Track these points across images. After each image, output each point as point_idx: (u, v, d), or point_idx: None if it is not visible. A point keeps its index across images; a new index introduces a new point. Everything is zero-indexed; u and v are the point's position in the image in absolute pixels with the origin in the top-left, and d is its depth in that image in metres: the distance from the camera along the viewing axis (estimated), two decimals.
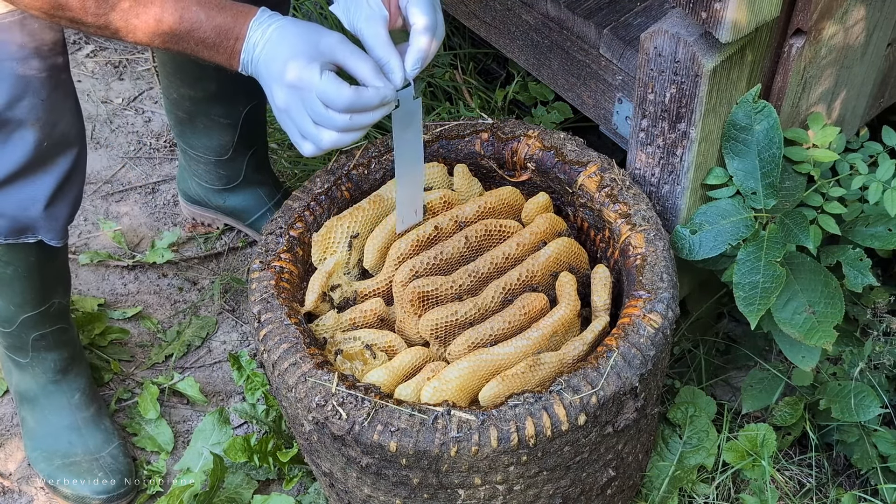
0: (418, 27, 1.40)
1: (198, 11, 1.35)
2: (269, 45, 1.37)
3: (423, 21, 1.39)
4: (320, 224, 1.69)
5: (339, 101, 1.33)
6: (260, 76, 1.39)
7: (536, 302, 1.58)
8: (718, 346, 2.07)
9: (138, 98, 2.70)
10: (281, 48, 1.36)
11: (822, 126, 1.70)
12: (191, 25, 1.35)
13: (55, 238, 1.66)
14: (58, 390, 1.97)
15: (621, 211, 1.62)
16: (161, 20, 1.34)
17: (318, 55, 1.35)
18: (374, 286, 1.66)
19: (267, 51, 1.37)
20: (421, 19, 1.39)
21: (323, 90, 1.33)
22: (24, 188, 1.58)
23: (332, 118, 1.35)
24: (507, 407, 1.41)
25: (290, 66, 1.34)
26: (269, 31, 1.37)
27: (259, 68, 1.38)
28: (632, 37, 1.70)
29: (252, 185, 2.25)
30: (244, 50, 1.38)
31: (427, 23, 1.40)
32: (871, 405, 1.77)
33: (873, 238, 1.70)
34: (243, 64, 1.40)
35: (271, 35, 1.37)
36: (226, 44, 1.38)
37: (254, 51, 1.38)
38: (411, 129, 1.53)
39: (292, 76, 1.34)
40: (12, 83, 1.46)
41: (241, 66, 1.40)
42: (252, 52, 1.38)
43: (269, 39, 1.37)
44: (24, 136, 1.51)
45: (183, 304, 2.28)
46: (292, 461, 1.92)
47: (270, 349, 1.51)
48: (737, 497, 1.88)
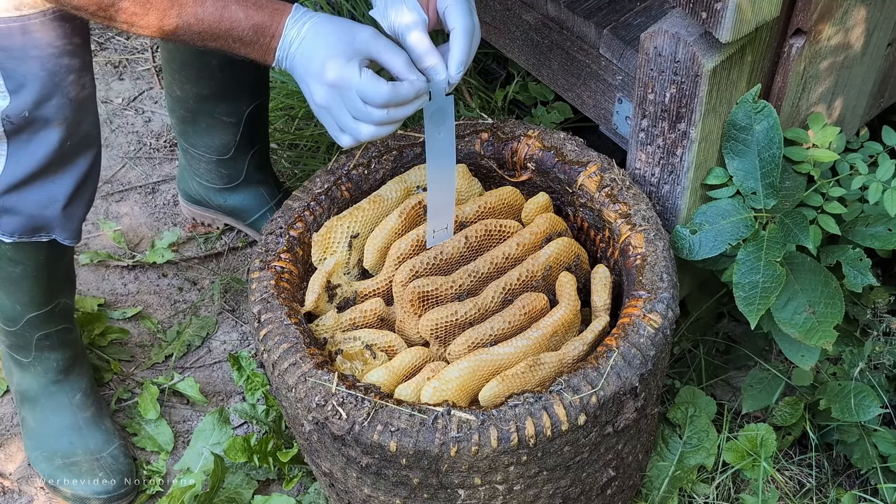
0: (458, 31, 1.43)
1: (237, 10, 1.39)
2: (305, 43, 1.41)
3: (462, 24, 1.43)
4: (320, 224, 1.69)
5: (378, 97, 1.38)
6: (296, 72, 1.43)
7: (536, 302, 1.58)
8: (718, 346, 2.07)
9: (138, 98, 2.70)
10: (318, 47, 1.40)
11: (822, 126, 1.70)
12: (230, 24, 1.39)
13: (69, 238, 1.66)
14: (59, 390, 1.97)
15: (621, 211, 1.62)
16: (202, 19, 1.38)
17: (354, 52, 1.39)
18: (374, 286, 1.66)
19: (303, 49, 1.41)
20: (460, 23, 1.43)
21: (362, 88, 1.38)
22: (45, 188, 1.59)
23: (371, 113, 1.39)
24: (507, 407, 1.41)
25: (328, 65, 1.39)
26: (305, 28, 1.41)
27: (295, 65, 1.43)
28: (632, 37, 1.70)
29: (253, 185, 2.25)
30: (280, 47, 1.42)
31: (466, 26, 1.44)
32: (871, 405, 1.77)
33: (873, 238, 1.70)
34: (278, 60, 1.44)
35: (307, 33, 1.41)
36: (262, 41, 1.42)
37: (289, 48, 1.42)
38: (444, 127, 1.53)
39: (332, 75, 1.39)
40: (43, 82, 1.47)
41: (275, 62, 1.45)
42: (288, 49, 1.42)
43: (305, 38, 1.41)
44: (49, 136, 1.52)
45: (183, 304, 2.28)
46: (292, 461, 1.92)
47: (270, 349, 1.51)
48: (737, 497, 1.88)
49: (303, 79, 1.43)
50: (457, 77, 1.45)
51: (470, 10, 1.45)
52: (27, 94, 1.47)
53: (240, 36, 1.41)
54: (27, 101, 1.47)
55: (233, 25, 1.39)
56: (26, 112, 1.48)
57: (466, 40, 1.44)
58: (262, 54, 1.44)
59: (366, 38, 1.40)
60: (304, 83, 1.44)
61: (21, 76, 1.46)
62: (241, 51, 1.43)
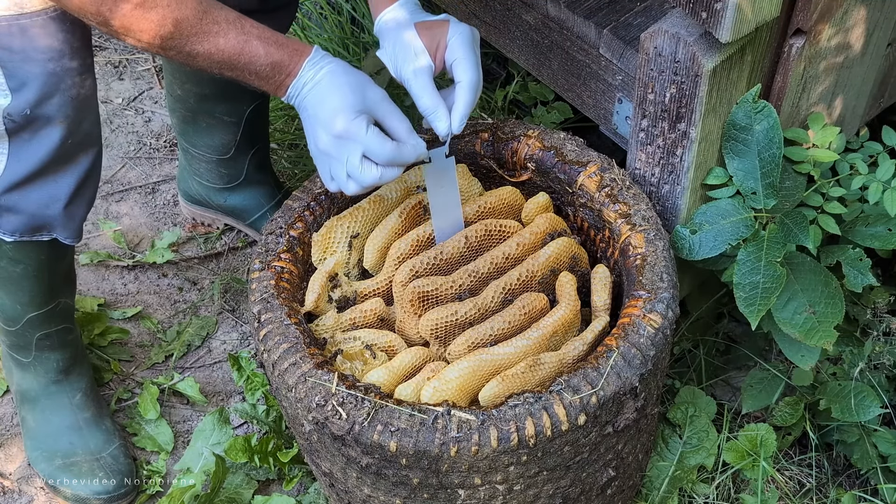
0: (464, 84, 1.51)
1: (258, 46, 1.43)
2: (318, 88, 1.45)
3: (468, 78, 1.51)
4: (320, 224, 1.69)
5: (382, 154, 1.44)
6: (304, 112, 1.48)
7: (536, 302, 1.58)
8: (718, 346, 2.07)
9: (138, 98, 2.70)
10: (331, 96, 1.44)
11: (822, 126, 1.70)
12: (249, 59, 1.43)
13: (71, 237, 1.66)
14: (59, 390, 1.97)
15: (621, 211, 1.62)
16: (223, 50, 1.41)
17: (363, 109, 1.45)
18: (374, 286, 1.66)
19: (315, 93, 1.45)
20: (466, 76, 1.51)
21: (368, 143, 1.44)
22: (46, 186, 1.59)
23: (369, 168, 1.45)
24: (507, 407, 1.41)
25: (339, 117, 1.44)
26: (320, 73, 1.46)
27: (305, 105, 1.47)
28: (632, 37, 1.70)
29: (253, 185, 2.25)
30: (293, 85, 1.47)
31: (472, 80, 1.51)
32: (871, 405, 1.77)
33: (873, 238, 1.70)
34: (288, 96, 1.48)
35: (322, 78, 1.45)
36: (277, 78, 1.46)
37: (302, 88, 1.46)
38: (446, 186, 1.61)
39: (340, 127, 1.44)
40: (44, 80, 1.47)
41: (285, 98, 1.49)
42: (300, 90, 1.47)
43: (319, 82, 1.45)
44: (51, 134, 1.52)
45: (183, 304, 2.28)
46: (292, 461, 1.92)
47: (270, 349, 1.51)
48: (737, 497, 1.88)
49: (309, 121, 1.47)
50: (458, 129, 1.51)
51: (476, 64, 1.52)
52: (28, 92, 1.47)
53: (256, 70, 1.44)
54: (28, 99, 1.47)
55: (252, 60, 1.43)
56: (27, 110, 1.48)
57: (471, 95, 1.51)
58: (274, 88, 1.48)
59: (376, 99, 1.46)
60: (309, 125, 1.48)
61: (22, 74, 1.46)
62: (254, 82, 1.47)
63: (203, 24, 1.38)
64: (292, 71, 1.46)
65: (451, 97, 1.53)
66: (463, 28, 1.53)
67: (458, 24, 1.53)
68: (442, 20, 1.54)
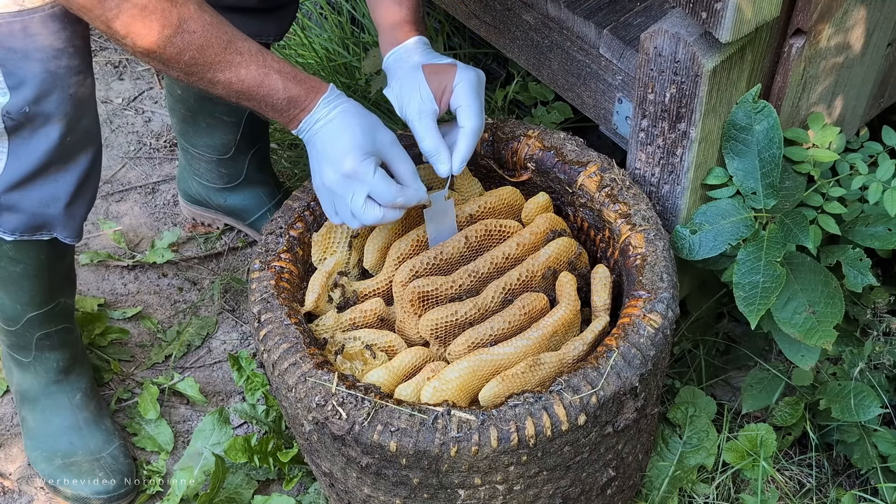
0: (467, 130, 1.56)
1: (277, 80, 1.47)
2: (329, 126, 1.50)
3: (471, 125, 1.56)
4: (320, 224, 1.69)
5: (387, 196, 1.49)
6: (313, 147, 1.52)
7: (536, 302, 1.58)
8: (718, 346, 2.07)
9: (138, 98, 2.70)
10: (342, 135, 1.49)
11: (822, 126, 1.70)
12: (267, 91, 1.47)
13: (71, 236, 1.67)
14: (59, 390, 1.97)
15: (621, 211, 1.62)
16: (243, 80, 1.46)
17: (372, 150, 1.50)
18: (374, 286, 1.66)
19: (327, 131, 1.50)
20: (469, 123, 1.56)
21: (374, 186, 1.49)
22: (47, 185, 1.59)
23: (372, 209, 1.50)
24: (507, 407, 1.41)
25: (348, 156, 1.48)
26: (334, 112, 1.50)
27: (315, 141, 1.51)
28: (632, 37, 1.70)
29: (253, 185, 2.25)
30: (306, 120, 1.51)
31: (475, 127, 1.56)
32: (871, 405, 1.77)
33: (873, 238, 1.70)
34: (300, 130, 1.52)
35: (334, 117, 1.50)
36: (291, 112, 1.50)
37: (314, 124, 1.51)
38: (445, 225, 1.66)
39: (348, 167, 1.48)
40: (43, 79, 1.47)
41: (295, 131, 1.53)
42: (312, 125, 1.51)
43: (332, 121, 1.50)
44: (49, 132, 1.53)
45: (183, 304, 2.28)
46: (292, 461, 1.92)
47: (270, 349, 1.51)
48: (737, 497, 1.88)
49: (317, 157, 1.52)
50: (458, 171, 1.56)
51: (480, 111, 1.57)
52: (27, 90, 1.47)
53: (273, 103, 1.49)
54: (27, 96, 1.47)
55: (270, 93, 1.47)
56: (26, 108, 1.48)
57: (473, 140, 1.56)
58: (287, 122, 1.52)
59: (385, 142, 1.51)
60: (317, 161, 1.52)
61: (21, 72, 1.46)
62: (268, 113, 1.51)
63: (227, 54, 1.43)
64: (307, 106, 1.50)
65: (451, 136, 1.57)
66: (469, 74, 1.56)
67: (464, 70, 1.57)
68: (449, 64, 1.57)
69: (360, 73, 2.48)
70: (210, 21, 1.41)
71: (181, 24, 1.38)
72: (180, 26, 1.38)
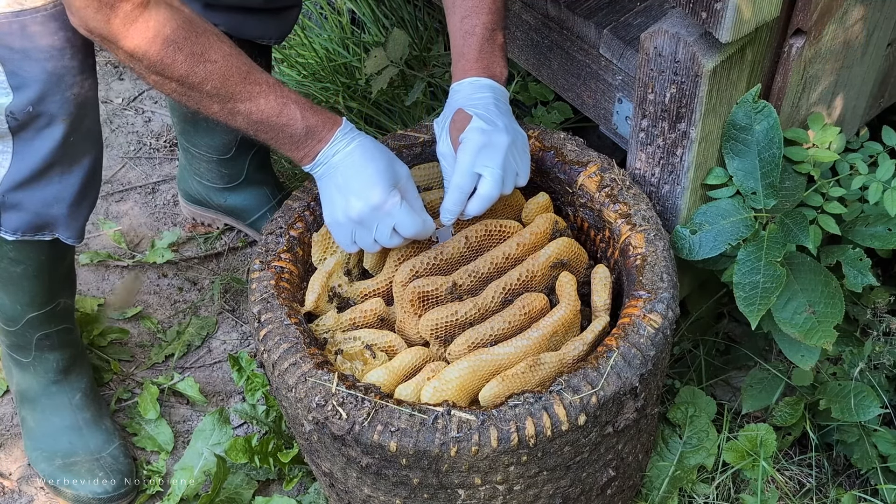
0: (481, 193, 1.56)
1: (295, 110, 1.49)
2: (351, 159, 1.52)
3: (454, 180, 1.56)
4: (320, 224, 1.69)
5: (412, 228, 1.55)
6: (333, 180, 1.53)
7: (536, 302, 1.58)
8: (718, 346, 2.07)
9: (138, 98, 2.70)
10: (367, 168, 1.51)
11: (822, 126, 1.70)
12: (286, 121, 1.49)
13: (73, 237, 1.67)
14: (59, 390, 1.97)
15: (621, 211, 1.62)
16: (263, 110, 1.47)
17: (395, 183, 1.53)
18: (374, 286, 1.67)
19: (347, 163, 1.52)
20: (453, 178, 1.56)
21: (402, 218, 1.53)
22: (52, 185, 1.59)
23: (395, 238, 1.56)
24: (507, 407, 1.41)
25: (376, 189, 1.51)
26: (353, 145, 1.52)
27: (335, 174, 1.53)
28: (632, 37, 1.70)
29: (253, 185, 2.25)
30: (323, 152, 1.52)
31: (456, 182, 1.55)
32: (871, 405, 1.77)
33: (873, 238, 1.70)
34: (315, 163, 1.54)
35: (353, 150, 1.52)
36: (309, 144, 1.52)
37: (333, 157, 1.52)
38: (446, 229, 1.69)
39: (377, 199, 1.51)
40: (45, 78, 1.47)
41: (310, 166, 1.55)
42: (330, 158, 1.53)
43: (351, 153, 1.52)
44: (53, 132, 1.53)
45: (183, 304, 2.28)
46: (292, 461, 1.92)
47: (270, 349, 1.51)
48: (737, 497, 1.88)
49: (339, 189, 1.53)
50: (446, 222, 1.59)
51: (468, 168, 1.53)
52: (30, 89, 1.47)
53: (291, 133, 1.50)
54: (30, 96, 1.48)
55: (289, 122, 1.49)
56: (30, 107, 1.48)
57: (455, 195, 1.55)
58: (303, 155, 1.53)
59: (403, 175, 1.56)
60: (340, 193, 1.53)
61: (24, 72, 1.46)
62: (284, 146, 1.52)
63: (246, 85, 1.44)
64: (325, 137, 1.51)
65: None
66: (472, 134, 1.55)
67: (470, 131, 1.55)
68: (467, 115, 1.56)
69: (360, 73, 2.48)
70: (229, 52, 1.43)
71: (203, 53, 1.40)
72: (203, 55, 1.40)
